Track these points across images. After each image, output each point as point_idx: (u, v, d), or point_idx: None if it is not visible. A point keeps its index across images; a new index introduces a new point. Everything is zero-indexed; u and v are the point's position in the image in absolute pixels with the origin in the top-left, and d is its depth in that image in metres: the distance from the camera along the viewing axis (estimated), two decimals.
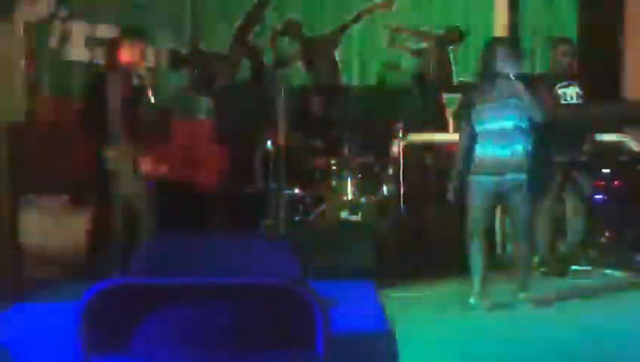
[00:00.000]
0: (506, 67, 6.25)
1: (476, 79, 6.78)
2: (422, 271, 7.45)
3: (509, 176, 6.26)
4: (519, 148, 6.24)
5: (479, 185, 6.33)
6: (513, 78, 6.22)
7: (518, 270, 6.52)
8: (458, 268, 6.99)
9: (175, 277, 2.64)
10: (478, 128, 6.32)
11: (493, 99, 6.27)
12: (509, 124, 6.24)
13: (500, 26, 9.22)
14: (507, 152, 6.25)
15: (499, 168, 6.27)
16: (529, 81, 6.35)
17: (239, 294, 2.55)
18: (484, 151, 6.31)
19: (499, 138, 6.25)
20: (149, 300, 2.57)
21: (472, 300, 6.41)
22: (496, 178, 6.29)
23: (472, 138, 6.34)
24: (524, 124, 6.25)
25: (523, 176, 6.25)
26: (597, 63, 9.17)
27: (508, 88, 6.24)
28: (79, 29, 8.76)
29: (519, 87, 6.21)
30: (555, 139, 7.30)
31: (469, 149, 6.36)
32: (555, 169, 7.58)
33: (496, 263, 7.26)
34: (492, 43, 6.63)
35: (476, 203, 6.36)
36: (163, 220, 7.14)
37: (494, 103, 6.27)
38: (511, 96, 6.24)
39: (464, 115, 6.50)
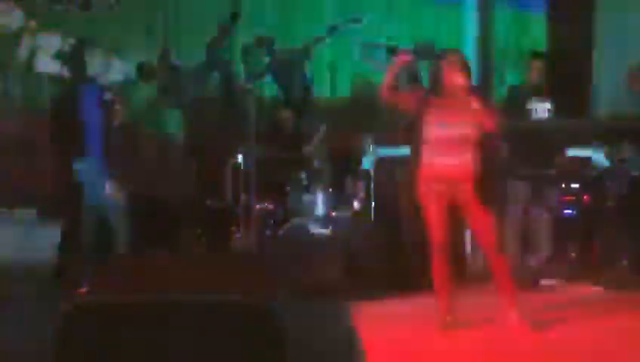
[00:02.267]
0: (455, 79, 6.23)
1: (428, 90, 6.61)
2: (393, 286, 7.44)
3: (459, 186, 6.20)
4: (467, 158, 6.17)
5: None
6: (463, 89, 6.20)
7: (501, 288, 6.28)
8: (430, 281, 7.00)
9: (142, 295, 2.63)
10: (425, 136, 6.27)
11: (442, 108, 6.22)
12: (455, 133, 6.19)
13: (471, 40, 9.27)
14: (455, 161, 6.18)
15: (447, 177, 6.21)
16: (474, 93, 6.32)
17: (206, 311, 2.53)
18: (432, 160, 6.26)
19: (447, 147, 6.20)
20: (117, 317, 2.55)
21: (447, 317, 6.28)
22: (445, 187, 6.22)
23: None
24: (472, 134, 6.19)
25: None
26: (567, 77, 9.22)
27: (457, 99, 6.21)
28: (48, 42, 8.72)
29: (468, 97, 6.19)
30: (523, 152, 7.33)
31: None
32: (523, 182, 7.63)
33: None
34: (441, 55, 6.63)
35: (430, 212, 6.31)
36: (133, 234, 7.11)
37: (443, 112, 6.21)
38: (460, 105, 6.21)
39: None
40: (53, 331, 2.53)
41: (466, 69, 6.30)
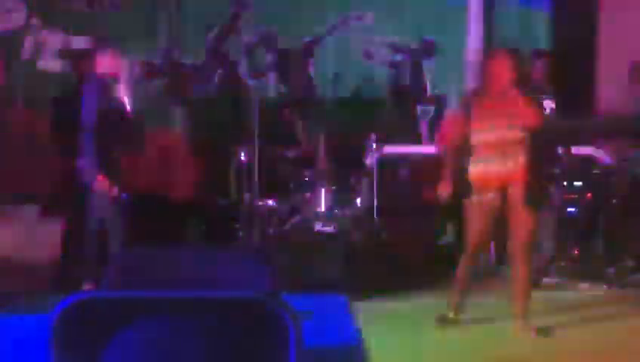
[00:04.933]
0: (501, 76, 6.03)
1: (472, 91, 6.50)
2: (395, 284, 7.44)
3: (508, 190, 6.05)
4: (520, 161, 6.01)
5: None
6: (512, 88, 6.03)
7: (516, 295, 6.22)
8: (432, 280, 7.01)
9: (146, 291, 2.63)
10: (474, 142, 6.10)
11: (490, 110, 6.05)
12: (506, 135, 6.02)
13: (474, 39, 9.26)
14: (507, 166, 6.03)
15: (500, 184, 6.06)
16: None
17: (211, 307, 2.54)
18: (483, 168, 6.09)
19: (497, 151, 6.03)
20: (120, 313, 2.56)
21: (450, 314, 6.32)
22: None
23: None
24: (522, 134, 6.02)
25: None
26: (571, 77, 9.22)
27: (505, 98, 6.04)
28: (53, 40, 8.73)
29: (517, 95, 6.02)
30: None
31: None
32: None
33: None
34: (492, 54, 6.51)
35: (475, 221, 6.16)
36: (136, 232, 7.11)
37: (490, 114, 6.05)
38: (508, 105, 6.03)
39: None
40: (53, 329, 2.54)
41: (513, 65, 6.07)
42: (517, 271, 6.19)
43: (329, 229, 7.91)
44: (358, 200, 8.14)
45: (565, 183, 7.95)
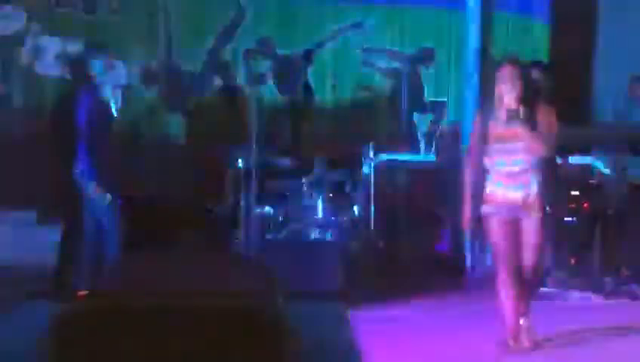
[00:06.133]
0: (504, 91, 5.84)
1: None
2: (393, 291, 7.44)
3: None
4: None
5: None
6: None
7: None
8: (430, 288, 7.01)
9: (143, 297, 2.63)
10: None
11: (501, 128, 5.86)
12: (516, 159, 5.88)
13: (472, 50, 9.27)
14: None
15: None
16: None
17: (206, 314, 2.53)
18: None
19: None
20: (115, 321, 2.55)
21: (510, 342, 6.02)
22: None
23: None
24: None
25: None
26: (568, 86, 9.24)
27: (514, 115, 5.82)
28: (50, 45, 8.73)
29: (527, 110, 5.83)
30: None
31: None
32: None
33: None
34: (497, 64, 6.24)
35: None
36: (133, 237, 7.11)
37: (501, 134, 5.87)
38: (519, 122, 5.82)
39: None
40: (50, 334, 2.53)
41: (517, 77, 5.85)
42: (525, 283, 5.99)
43: (326, 236, 7.91)
44: (355, 208, 8.14)
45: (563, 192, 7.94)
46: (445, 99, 9.70)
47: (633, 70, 8.81)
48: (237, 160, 8.13)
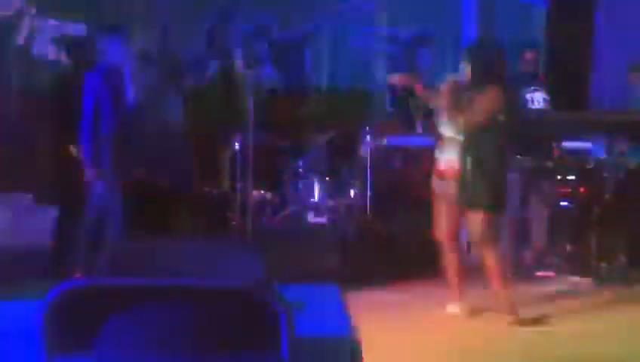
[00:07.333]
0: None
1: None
2: (389, 274, 7.44)
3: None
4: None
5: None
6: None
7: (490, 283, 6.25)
8: (425, 271, 7.01)
9: (139, 278, 2.63)
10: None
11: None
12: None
13: (468, 33, 9.27)
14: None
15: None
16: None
17: (203, 296, 2.54)
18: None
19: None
20: (112, 301, 2.56)
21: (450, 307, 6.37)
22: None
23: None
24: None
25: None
26: (566, 70, 9.24)
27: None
28: (47, 27, 8.70)
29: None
30: (520, 143, 7.34)
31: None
32: (519, 173, 7.63)
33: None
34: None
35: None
36: (130, 220, 7.11)
37: None
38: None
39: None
40: (45, 316, 2.54)
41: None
42: (484, 259, 6.23)
43: (322, 220, 7.92)
44: (352, 191, 8.15)
45: (559, 177, 7.94)
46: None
47: (632, 55, 8.79)
48: (234, 143, 8.13)
